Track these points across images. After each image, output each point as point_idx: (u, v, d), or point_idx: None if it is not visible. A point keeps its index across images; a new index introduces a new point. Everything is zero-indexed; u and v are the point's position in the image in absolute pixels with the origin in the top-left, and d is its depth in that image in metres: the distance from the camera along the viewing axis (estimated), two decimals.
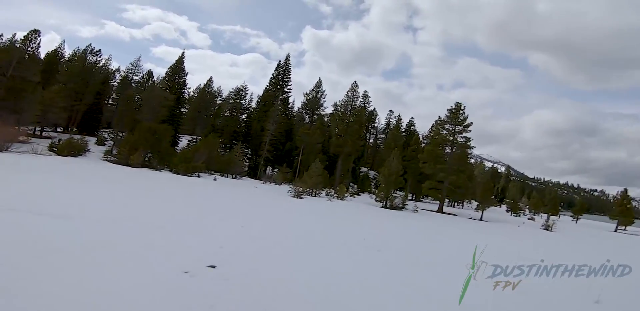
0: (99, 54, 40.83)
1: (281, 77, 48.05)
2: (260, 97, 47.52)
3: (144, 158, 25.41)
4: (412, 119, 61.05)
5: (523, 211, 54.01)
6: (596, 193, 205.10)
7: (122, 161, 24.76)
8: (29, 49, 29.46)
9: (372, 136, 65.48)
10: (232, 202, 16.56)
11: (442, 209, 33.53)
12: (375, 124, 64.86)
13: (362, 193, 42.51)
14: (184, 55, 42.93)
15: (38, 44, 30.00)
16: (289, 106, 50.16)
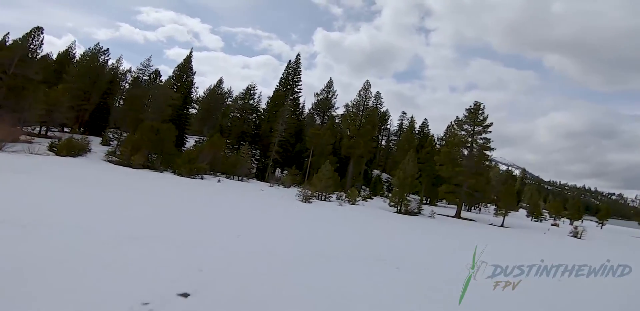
0: (106, 53, 40.26)
1: (291, 76, 46.86)
2: (270, 98, 46.38)
3: (146, 158, 24.28)
4: (425, 120, 58.89)
5: (543, 216, 51.98)
6: (614, 197, 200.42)
7: (124, 162, 23.68)
8: (31, 46, 28.75)
9: (384, 138, 63.74)
10: (231, 207, 15.11)
11: (459, 214, 31.64)
12: (388, 126, 63.16)
13: (375, 197, 40.85)
14: (191, 53, 42.24)
15: (41, 41, 29.28)
16: (299, 107, 48.82)
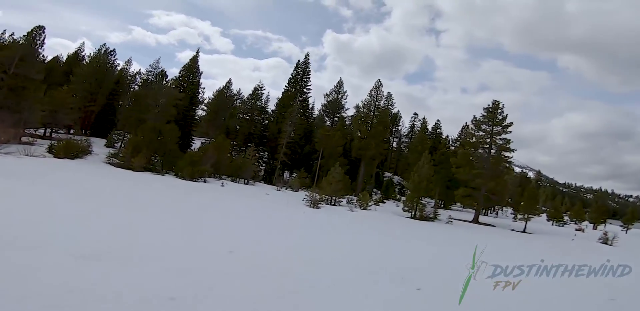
0: (113, 54, 39.77)
1: (300, 77, 45.75)
2: (279, 99, 45.28)
3: (147, 160, 23.25)
4: (438, 121, 57.25)
5: (564, 220, 49.56)
6: (631, 199, 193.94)
7: (124, 164, 22.70)
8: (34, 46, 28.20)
9: (395, 140, 62.04)
10: (230, 214, 13.79)
11: (477, 219, 29.81)
12: (399, 127, 61.51)
13: (387, 200, 39.21)
14: (198, 54, 41.54)
15: (42, 40, 28.72)
16: (309, 108, 47.64)
